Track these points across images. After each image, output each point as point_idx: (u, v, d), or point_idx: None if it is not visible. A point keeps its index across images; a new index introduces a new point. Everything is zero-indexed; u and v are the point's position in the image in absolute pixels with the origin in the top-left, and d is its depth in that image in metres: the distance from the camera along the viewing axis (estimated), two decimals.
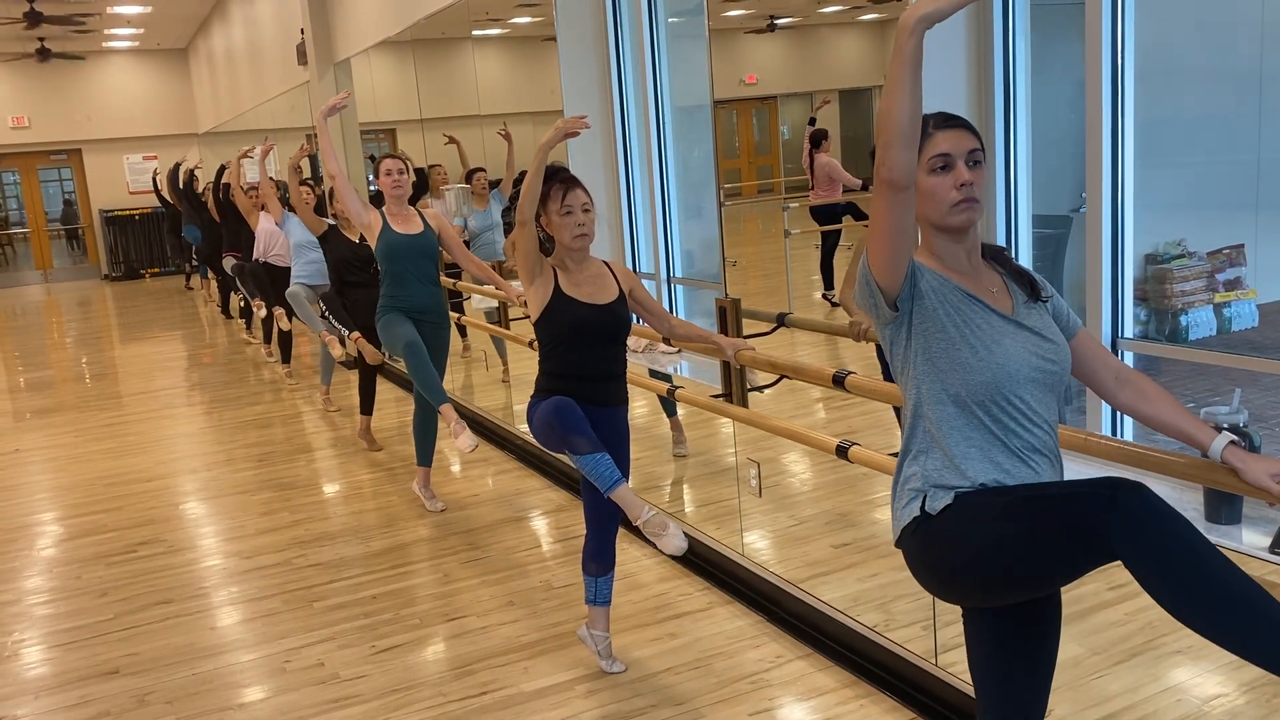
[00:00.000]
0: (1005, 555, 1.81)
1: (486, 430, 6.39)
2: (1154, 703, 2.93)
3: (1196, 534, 1.65)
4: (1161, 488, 2.61)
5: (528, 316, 3.31)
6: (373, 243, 4.77)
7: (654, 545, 2.98)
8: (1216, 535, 2.40)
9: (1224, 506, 2.42)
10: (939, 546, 1.90)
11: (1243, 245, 4.36)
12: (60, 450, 6.88)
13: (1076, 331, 2.01)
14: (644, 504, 2.94)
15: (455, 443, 4.28)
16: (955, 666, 3.01)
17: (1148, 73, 3.33)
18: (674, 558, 3.31)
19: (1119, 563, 1.72)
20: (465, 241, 6.66)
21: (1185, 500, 2.54)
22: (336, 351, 6.57)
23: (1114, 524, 1.66)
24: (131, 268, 18.79)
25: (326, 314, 5.80)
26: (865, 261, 1.87)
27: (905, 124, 1.69)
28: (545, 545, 4.62)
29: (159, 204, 15.41)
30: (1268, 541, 2.30)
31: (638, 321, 3.50)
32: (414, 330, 4.71)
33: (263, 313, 8.57)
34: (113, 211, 18.68)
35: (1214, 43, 4.44)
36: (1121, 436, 3.37)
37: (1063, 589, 1.99)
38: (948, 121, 1.91)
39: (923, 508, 1.91)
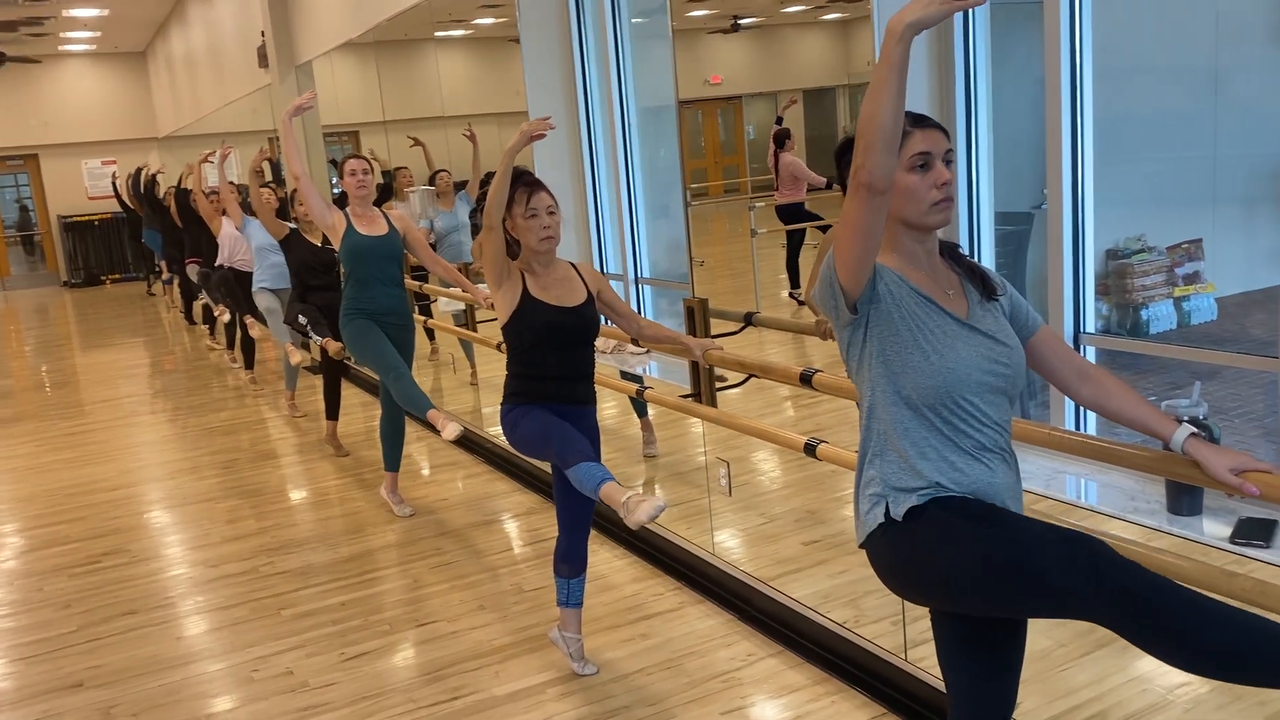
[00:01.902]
0: (978, 589, 1.83)
1: None
2: (1120, 693, 2.97)
3: (1175, 590, 1.66)
4: (1123, 480, 2.65)
5: (496, 319, 3.29)
6: (336, 244, 4.73)
7: (628, 521, 2.85)
8: (1178, 527, 2.43)
9: (1185, 498, 2.46)
10: (908, 556, 1.91)
11: (1200, 240, 4.43)
12: (20, 460, 6.77)
13: (1037, 329, 2.01)
14: (625, 491, 2.86)
15: (443, 435, 4.22)
16: (924, 661, 3.03)
17: (1106, 71, 3.37)
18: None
19: None
20: (432, 244, 6.63)
21: (1148, 493, 2.58)
22: (296, 359, 6.58)
23: (1098, 604, 1.68)
24: (92, 274, 18.53)
25: (305, 325, 5.74)
26: (830, 262, 1.87)
27: (888, 128, 1.70)
28: (516, 548, 4.61)
29: (120, 209, 15.23)
30: (1228, 532, 2.33)
31: (605, 322, 3.49)
32: (392, 349, 4.67)
33: (225, 318, 8.49)
34: (71, 217, 18.41)
35: (1170, 41, 4.51)
36: (1085, 430, 3.41)
37: None
38: (922, 121, 1.91)
39: (887, 513, 1.91)
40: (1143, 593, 1.67)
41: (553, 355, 3.14)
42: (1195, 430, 1.89)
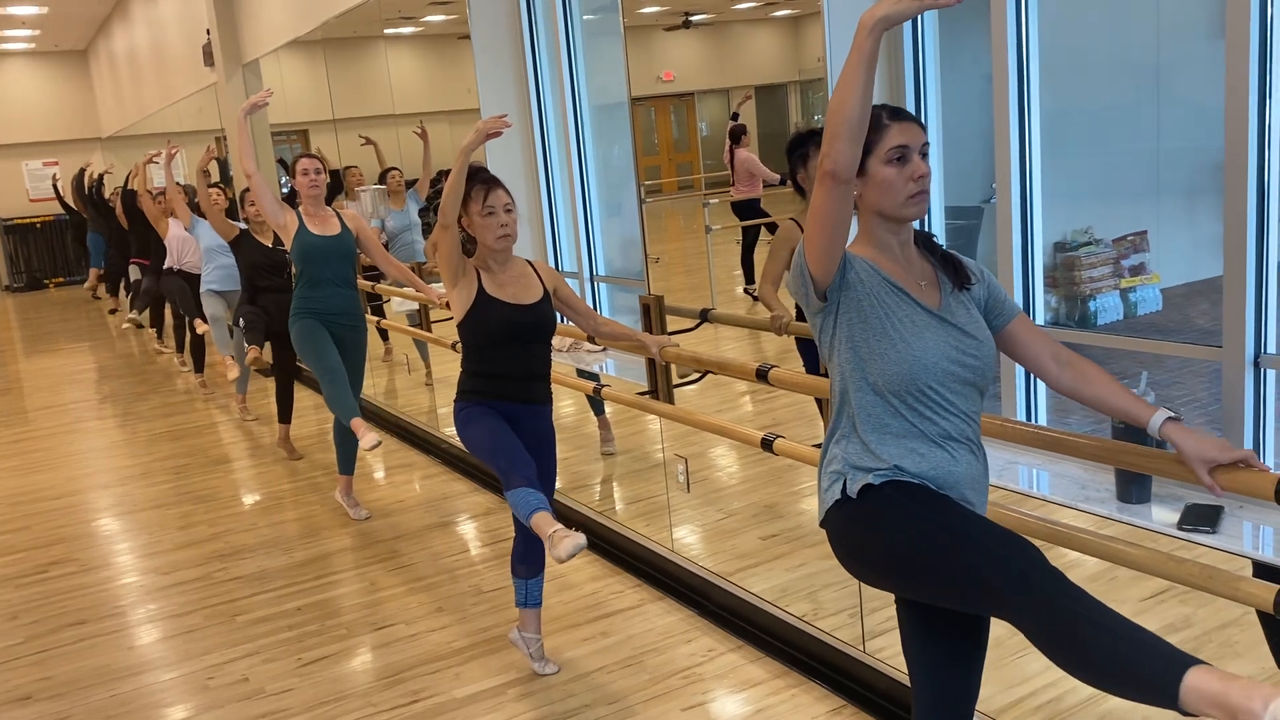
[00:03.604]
0: (914, 573, 1.87)
1: (410, 435, 6.31)
2: (1072, 679, 3.00)
3: (1095, 606, 1.67)
4: (1074, 469, 2.69)
5: (451, 318, 3.27)
6: (288, 244, 4.67)
7: (551, 555, 2.80)
8: (1128, 514, 2.48)
9: (1134, 486, 2.51)
10: (857, 533, 1.94)
11: (1145, 232, 4.52)
12: None
13: (1015, 315, 2.03)
14: (553, 525, 2.81)
15: (361, 444, 4.24)
16: (883, 653, 3.06)
17: (1052, 66, 3.42)
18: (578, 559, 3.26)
19: (1040, 546, 1.78)
20: (384, 243, 6.56)
21: (1098, 481, 2.62)
22: (233, 375, 6.65)
23: (1023, 608, 1.70)
24: (34, 278, 18.13)
25: (241, 326, 5.70)
26: (801, 250, 1.90)
27: (855, 119, 1.72)
28: (473, 549, 4.58)
29: (63, 211, 14.93)
30: (1176, 519, 2.38)
31: (562, 321, 3.48)
32: (334, 352, 4.65)
33: (134, 319, 8.60)
34: (12, 220, 18.00)
35: (1113, 37, 4.59)
36: (1036, 421, 3.46)
37: None
38: (899, 114, 1.93)
39: (844, 491, 1.94)
40: (1066, 604, 1.67)
41: (507, 353, 3.13)
42: (1172, 414, 1.90)
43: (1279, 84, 2.56)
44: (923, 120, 3.63)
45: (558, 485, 4.15)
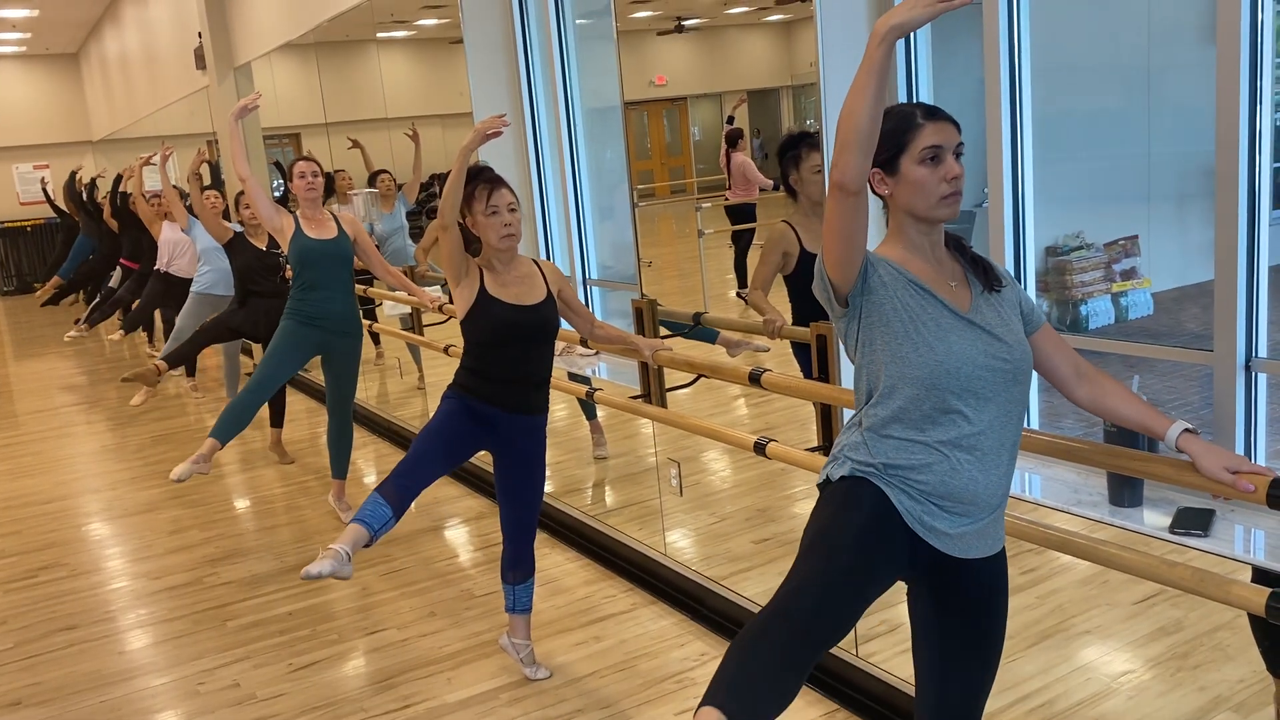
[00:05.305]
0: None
1: (403, 439, 6.30)
2: (1066, 682, 3.02)
3: (777, 651, 1.79)
4: (1067, 474, 2.69)
5: (450, 318, 3.26)
6: (284, 247, 4.66)
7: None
8: (1120, 518, 2.48)
9: (1126, 490, 2.51)
10: (814, 514, 1.98)
11: (1137, 236, 4.53)
12: None
13: (1040, 326, 2.00)
14: (340, 542, 2.82)
15: (172, 471, 4.29)
16: (875, 656, 3.06)
17: (1044, 70, 3.42)
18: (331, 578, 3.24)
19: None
20: (375, 247, 6.56)
21: (1090, 485, 2.63)
22: (136, 400, 6.74)
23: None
24: (25, 281, 18.07)
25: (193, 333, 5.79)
26: (821, 258, 1.89)
27: (865, 128, 1.69)
28: (465, 554, 4.57)
29: (54, 214, 14.88)
30: (1168, 522, 2.38)
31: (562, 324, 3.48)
32: (286, 372, 4.72)
33: (72, 334, 9.09)
34: (3, 223, 17.94)
35: (1105, 41, 4.60)
36: (1028, 425, 3.47)
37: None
38: (934, 114, 1.90)
39: (829, 475, 1.97)
40: (768, 636, 1.80)
41: (506, 354, 3.13)
42: (1189, 427, 1.89)
43: (1269, 89, 2.57)
44: None
45: (549, 490, 4.16)
